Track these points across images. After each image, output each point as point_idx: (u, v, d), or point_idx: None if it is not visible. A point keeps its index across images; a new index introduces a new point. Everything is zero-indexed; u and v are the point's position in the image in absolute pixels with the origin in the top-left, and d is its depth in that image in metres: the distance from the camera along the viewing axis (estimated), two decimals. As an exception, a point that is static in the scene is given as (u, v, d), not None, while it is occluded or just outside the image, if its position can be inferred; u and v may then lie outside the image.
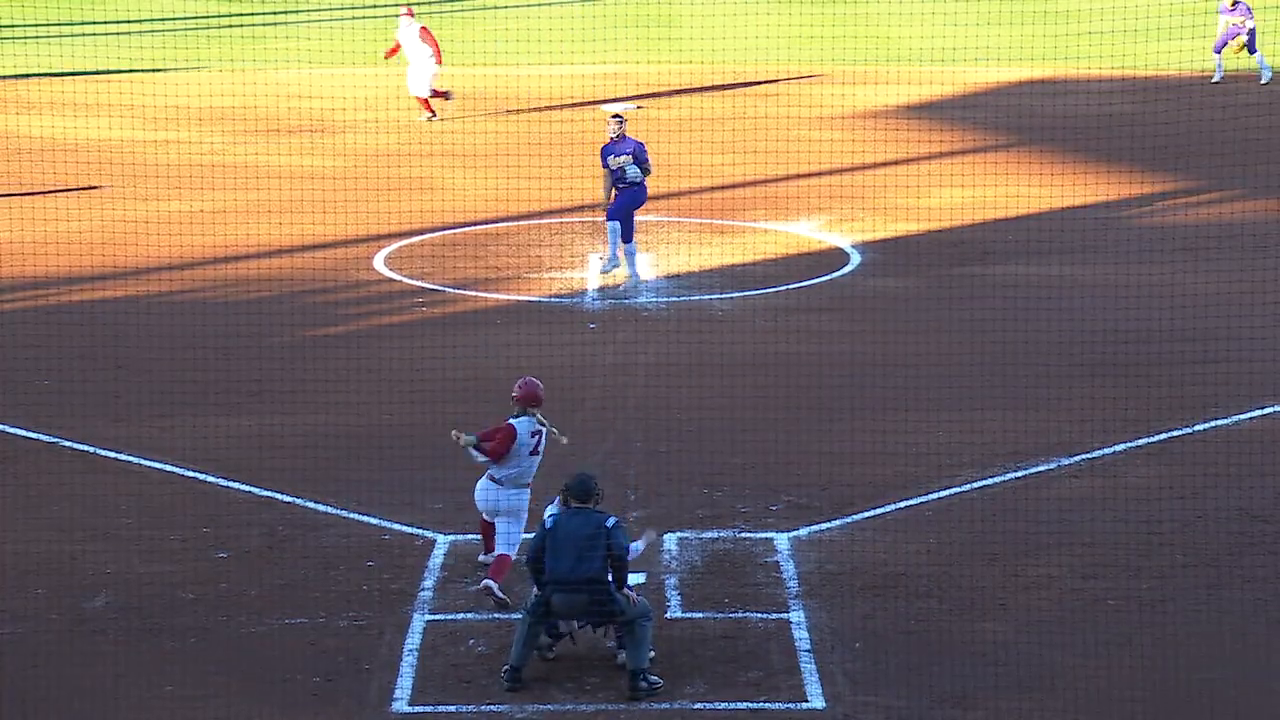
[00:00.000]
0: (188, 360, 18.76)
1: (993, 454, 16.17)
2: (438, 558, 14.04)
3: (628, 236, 21.08)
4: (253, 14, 40.84)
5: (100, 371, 18.40)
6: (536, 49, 35.61)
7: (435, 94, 29.68)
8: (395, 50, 29.48)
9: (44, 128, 28.92)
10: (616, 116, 21.11)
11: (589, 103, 30.90)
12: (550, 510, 12.53)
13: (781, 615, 13.15)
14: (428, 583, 13.60)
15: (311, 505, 14.99)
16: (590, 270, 22.11)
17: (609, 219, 21.04)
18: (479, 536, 13.83)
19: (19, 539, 14.39)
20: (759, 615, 13.17)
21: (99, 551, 14.21)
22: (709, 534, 14.45)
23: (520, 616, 12.07)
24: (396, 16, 30.99)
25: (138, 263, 21.78)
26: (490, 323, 20.30)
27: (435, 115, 29.51)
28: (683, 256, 22.73)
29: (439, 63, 29.70)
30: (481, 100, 31.51)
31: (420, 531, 14.45)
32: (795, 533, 14.49)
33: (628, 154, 20.85)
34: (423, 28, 29.40)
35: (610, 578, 11.92)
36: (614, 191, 21.06)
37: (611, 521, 12.11)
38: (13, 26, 37.98)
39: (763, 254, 23.07)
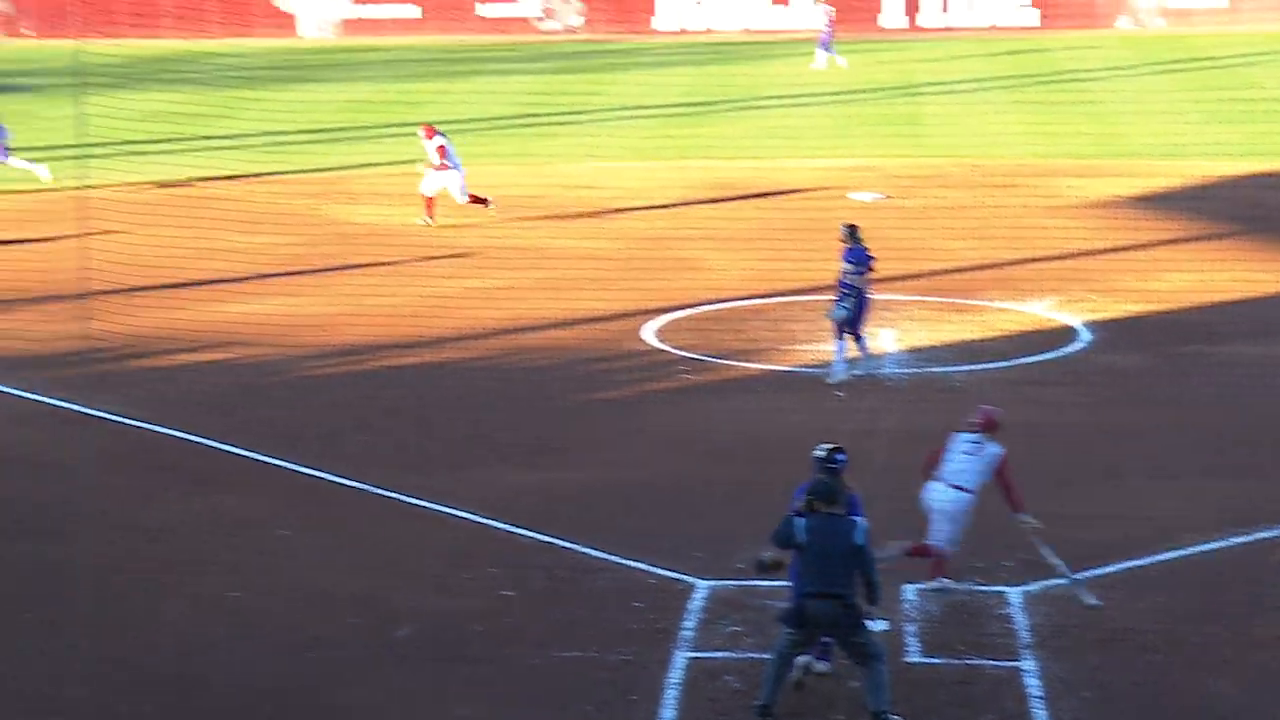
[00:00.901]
0: (480, 419, 19.07)
1: (1218, 520, 15.60)
2: (697, 601, 13.96)
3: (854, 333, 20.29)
4: (546, 115, 41.54)
5: (406, 427, 18.77)
6: (793, 144, 35.72)
7: (474, 199, 28.48)
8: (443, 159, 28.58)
9: (365, 215, 29.78)
10: (847, 225, 20.59)
11: (837, 190, 30.82)
12: (796, 505, 12.07)
13: (1013, 664, 12.81)
14: (689, 623, 13.54)
15: (587, 550, 15.04)
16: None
17: (840, 329, 20.38)
18: (736, 582, 13.78)
19: (334, 574, 14.71)
20: (992, 663, 12.84)
21: (402, 587, 14.42)
22: (945, 585, 14.15)
23: (770, 657, 11.94)
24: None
25: (439, 332, 22.17)
26: (748, 389, 20.24)
27: (432, 221, 28.38)
28: (923, 332, 22.44)
29: (437, 169, 28.33)
30: (741, 190, 31.60)
31: (682, 576, 14.39)
32: (1026, 587, 14.12)
33: (850, 263, 20.20)
34: (439, 147, 28.30)
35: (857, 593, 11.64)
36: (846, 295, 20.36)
37: (862, 537, 11.72)
38: (342, 129, 39.20)
39: (998, 331, 22.67)
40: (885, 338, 21.88)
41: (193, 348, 21.50)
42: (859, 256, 20.09)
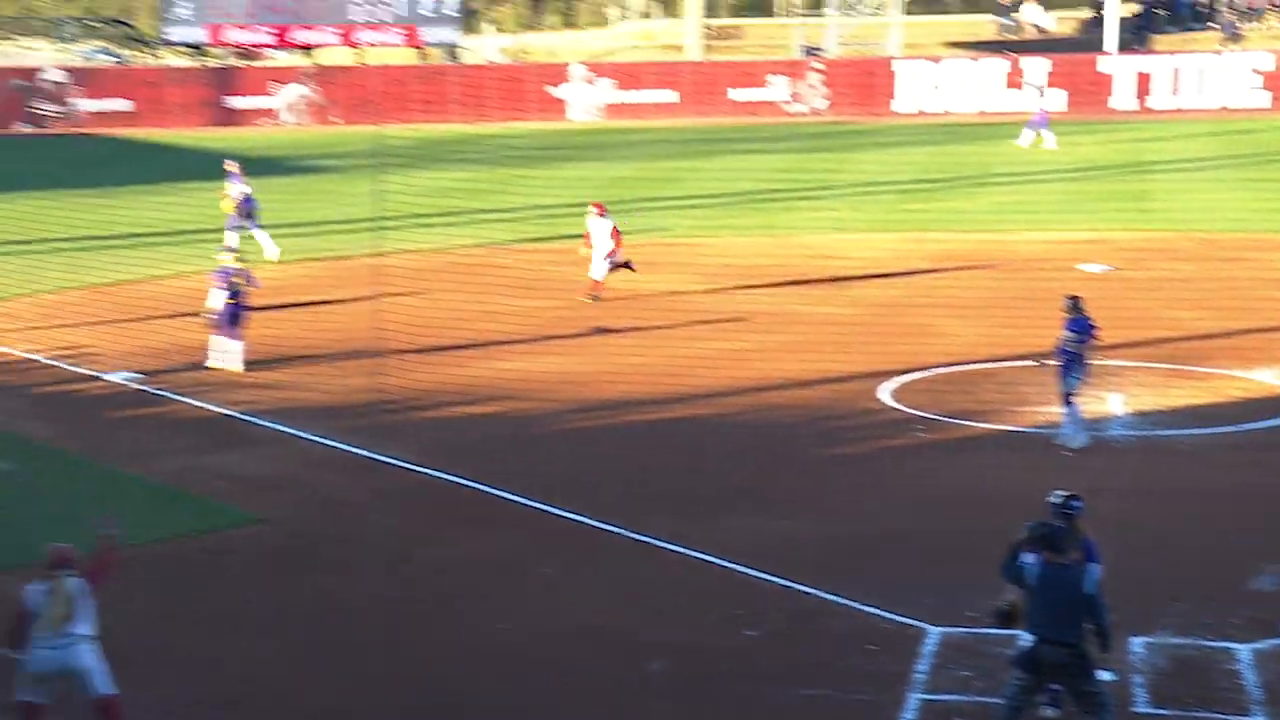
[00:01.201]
0: (727, 470, 19.03)
1: None
2: (929, 645, 13.66)
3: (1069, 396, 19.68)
4: (791, 190, 41.52)
5: (659, 477, 18.80)
6: (1024, 218, 35.11)
7: (616, 266, 27.75)
8: (587, 238, 27.97)
9: (624, 281, 30.00)
10: (1070, 297, 20.02)
11: (1067, 262, 30.16)
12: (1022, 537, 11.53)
13: (1242, 719, 12.26)
14: (921, 667, 13.25)
15: (825, 595, 14.84)
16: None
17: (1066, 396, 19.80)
18: (967, 630, 13.46)
19: (591, 611, 14.74)
20: (1220, 716, 12.29)
21: (653, 624, 14.39)
22: (1173, 640, 13.62)
23: (1000, 702, 11.59)
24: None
25: (692, 390, 22.20)
26: (978, 447, 19.83)
27: (598, 298, 27.66)
28: (1150, 397, 21.74)
29: (612, 253, 27.66)
30: (974, 260, 31.13)
31: (914, 622, 14.10)
32: (1255, 645, 13.49)
33: (1072, 332, 19.60)
34: (614, 227, 27.60)
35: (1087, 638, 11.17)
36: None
37: (1093, 586, 11.22)
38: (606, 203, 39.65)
39: (1225, 397, 21.85)
40: (1113, 401, 21.28)
41: (469, 401, 21.88)
42: (1081, 326, 19.57)
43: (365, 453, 19.33)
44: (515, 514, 17.43)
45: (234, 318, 23.17)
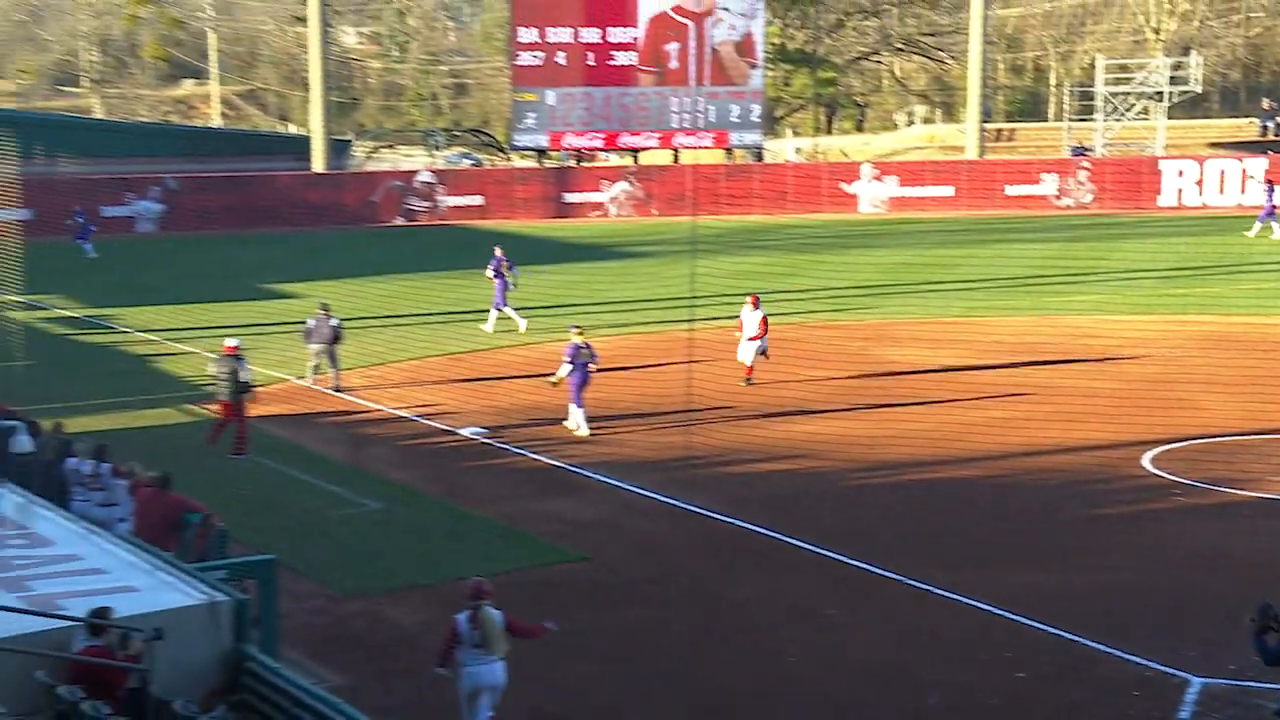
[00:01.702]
0: (998, 526, 18.50)
1: None
2: (1191, 693, 12.95)
3: None
4: (1058, 275, 40.37)
5: (936, 530, 18.39)
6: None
7: (761, 353, 26.37)
8: (740, 327, 26.54)
9: (907, 355, 29.65)
10: None
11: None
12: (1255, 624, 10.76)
13: None
14: (1184, 714, 12.56)
15: (1091, 643, 14.24)
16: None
17: None
18: (1229, 681, 12.72)
19: (873, 649, 14.49)
20: None
21: (929, 663, 14.05)
22: None
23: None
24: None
25: (966, 453, 21.73)
26: (1236, 513, 18.80)
27: (751, 382, 26.22)
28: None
29: (758, 338, 26.24)
30: (1233, 341, 29.65)
31: (1176, 672, 13.41)
32: None
33: None
34: (764, 317, 26.28)
35: None
36: None
37: None
38: (889, 285, 39.24)
39: None
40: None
41: (767, 458, 21.83)
42: None
43: (676, 502, 19.45)
44: (806, 559, 17.28)
45: (580, 386, 23.48)
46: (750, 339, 26.30)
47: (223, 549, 14.31)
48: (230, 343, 22.85)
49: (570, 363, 23.31)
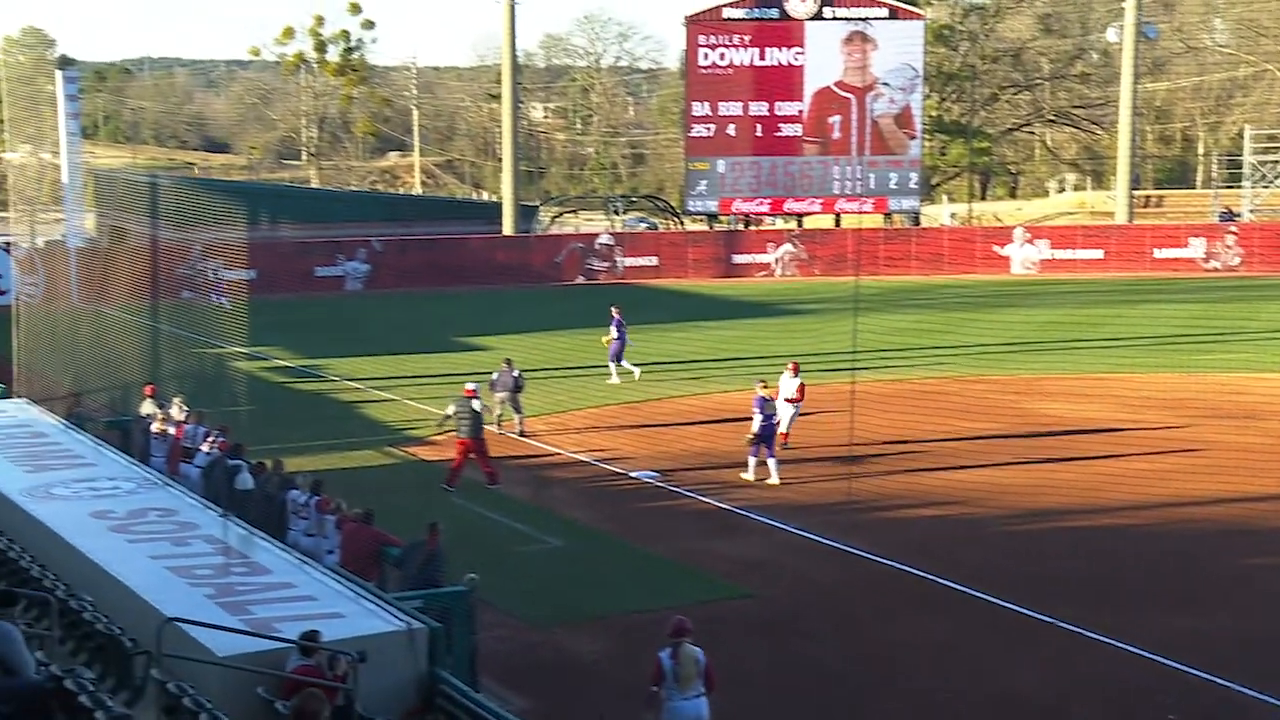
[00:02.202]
0: (1147, 572, 17.89)
1: None
2: (1341, 744, 12.35)
3: None
4: (1205, 334, 38.99)
5: (1081, 576, 17.84)
6: None
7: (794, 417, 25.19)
8: (775, 392, 24.77)
9: (1057, 409, 28.94)
10: None
11: None
12: None
13: None
14: (1333, 764, 11.97)
15: (1241, 689, 13.65)
16: None
17: None
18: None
19: (1022, 685, 14.10)
20: None
21: (1084, 703, 13.61)
22: None
23: None
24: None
25: (1113, 502, 21.11)
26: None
27: (788, 446, 24.77)
28: None
29: (795, 401, 25.11)
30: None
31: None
32: None
33: None
34: (801, 385, 25.15)
35: None
36: None
37: None
38: (1039, 343, 38.42)
39: None
40: None
41: (922, 504, 21.48)
42: None
43: (835, 544, 19.25)
44: (960, 601, 16.93)
45: (768, 438, 23.21)
46: (787, 400, 25.14)
47: (440, 569, 14.52)
48: (470, 386, 23.50)
49: (760, 414, 23.16)
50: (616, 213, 71.52)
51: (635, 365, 32.49)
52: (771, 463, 23.06)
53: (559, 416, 28.48)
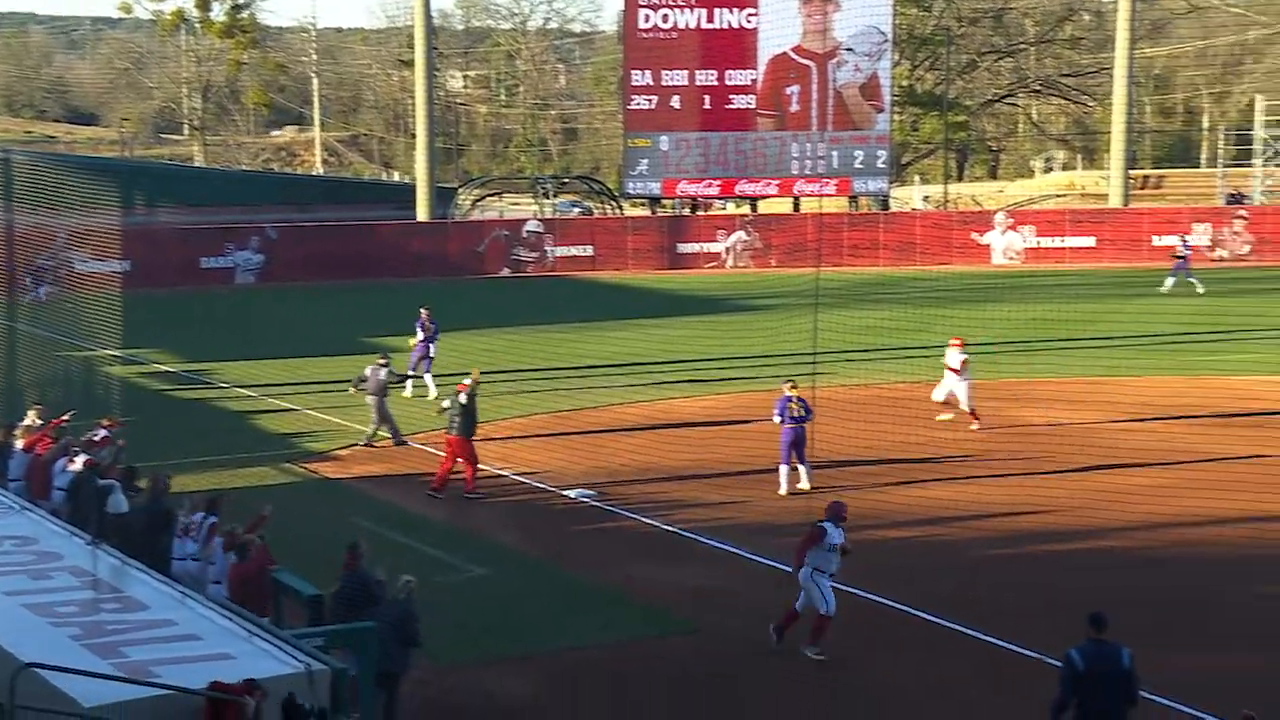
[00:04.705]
0: (1138, 605, 18.08)
1: None
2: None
3: None
4: (1207, 332, 39.58)
5: (1067, 607, 18.00)
6: None
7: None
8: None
9: (1043, 416, 29.27)
10: None
11: None
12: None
13: None
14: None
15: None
16: None
17: None
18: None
19: None
20: None
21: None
22: None
23: None
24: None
25: (1102, 523, 21.37)
26: None
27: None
28: None
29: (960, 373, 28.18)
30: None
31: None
32: None
33: None
34: (963, 359, 28.13)
35: None
36: None
37: (1128, 661, 11.45)
38: (1024, 342, 38.84)
39: None
40: None
41: (890, 524, 21.59)
42: None
43: (786, 568, 19.30)
44: (939, 635, 17.05)
45: (796, 443, 23.37)
46: (951, 370, 27.95)
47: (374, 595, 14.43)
48: (467, 381, 24.08)
49: (780, 416, 23.28)
50: (546, 196, 71.55)
51: (434, 381, 31.74)
52: (803, 469, 23.31)
53: (482, 427, 28.42)
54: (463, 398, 23.80)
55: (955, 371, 28.34)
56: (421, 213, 66.26)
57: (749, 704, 15.16)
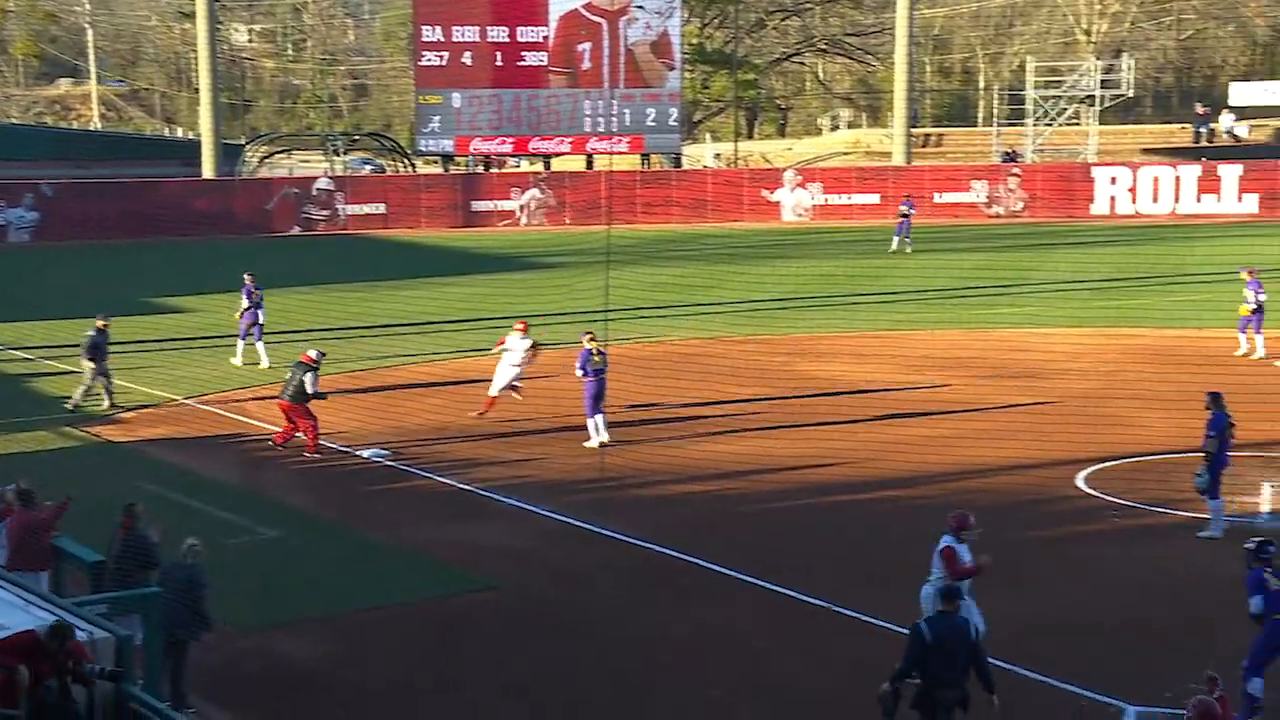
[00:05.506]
0: (925, 550, 18.63)
1: None
2: (1125, 723, 13.20)
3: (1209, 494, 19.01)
4: (988, 287, 40.91)
5: (857, 554, 18.55)
6: (1220, 315, 33.92)
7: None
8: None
9: (830, 370, 29.92)
10: (1210, 394, 19.25)
11: (1266, 361, 29.09)
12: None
13: None
14: (1118, 744, 12.79)
15: (1024, 671, 14.42)
16: (1263, 496, 20.67)
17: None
18: (1164, 710, 12.96)
19: (797, 679, 14.56)
20: None
21: (861, 691, 14.13)
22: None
23: None
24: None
25: (891, 474, 21.95)
26: (1171, 535, 19.17)
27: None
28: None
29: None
30: (1168, 356, 30.22)
31: (1113, 700, 13.62)
32: None
33: (1210, 431, 18.90)
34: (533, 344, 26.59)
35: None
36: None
37: (975, 635, 12.08)
38: (813, 298, 39.59)
39: None
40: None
41: (683, 479, 21.92)
42: (1217, 422, 18.88)
43: (589, 526, 19.47)
44: (729, 586, 17.35)
45: (597, 397, 23.35)
46: (513, 365, 25.61)
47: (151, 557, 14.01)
48: (310, 353, 23.68)
49: (582, 370, 23.23)
50: (336, 153, 70.31)
51: (266, 352, 30.90)
52: (600, 420, 23.37)
53: (272, 388, 27.90)
54: (300, 370, 23.30)
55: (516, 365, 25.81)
56: (207, 170, 64.57)
57: (547, 657, 15.23)
